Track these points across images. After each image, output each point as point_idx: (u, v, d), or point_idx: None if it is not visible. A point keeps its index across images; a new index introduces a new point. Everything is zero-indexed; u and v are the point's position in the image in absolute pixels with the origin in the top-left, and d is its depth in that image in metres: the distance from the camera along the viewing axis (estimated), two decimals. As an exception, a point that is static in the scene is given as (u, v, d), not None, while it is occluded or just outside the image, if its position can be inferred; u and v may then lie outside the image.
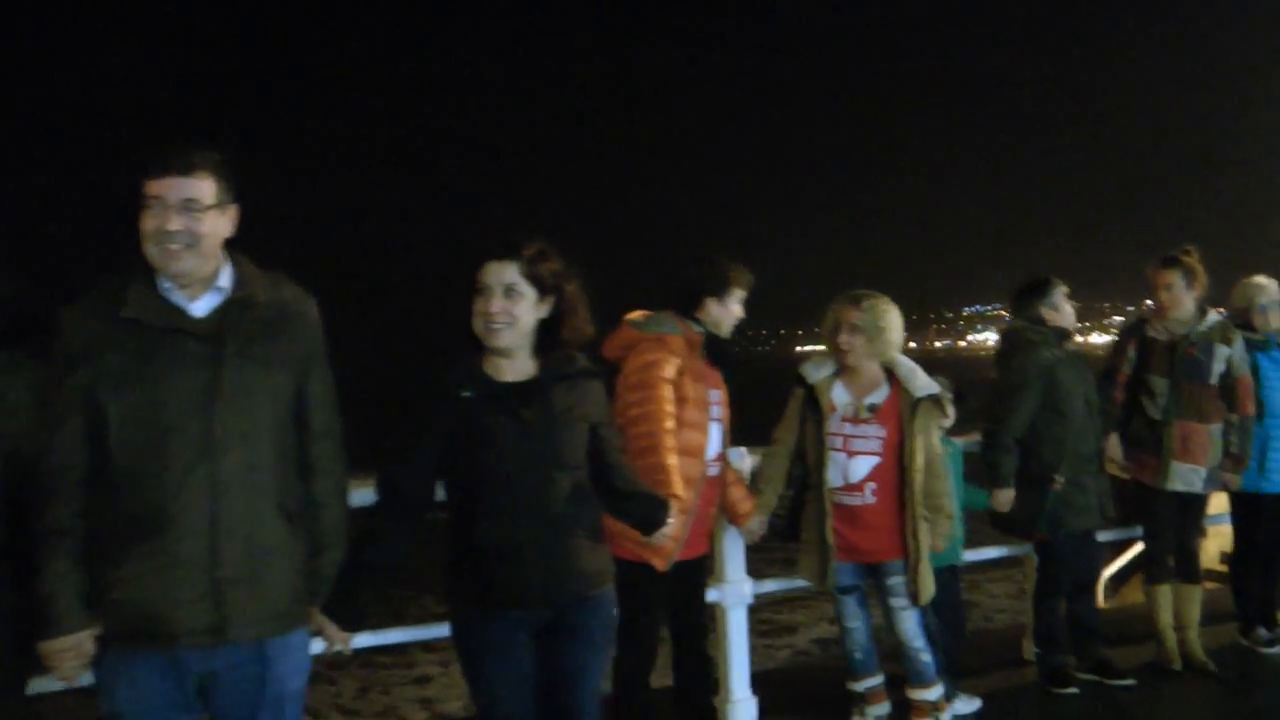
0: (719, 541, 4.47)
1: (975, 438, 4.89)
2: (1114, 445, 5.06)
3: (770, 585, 4.78)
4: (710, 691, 4.16)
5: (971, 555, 5.09)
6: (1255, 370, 5.26)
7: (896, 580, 4.13)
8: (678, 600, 3.97)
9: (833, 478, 4.12)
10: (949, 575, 4.57)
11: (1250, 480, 5.26)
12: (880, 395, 4.15)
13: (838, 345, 4.14)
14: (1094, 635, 4.97)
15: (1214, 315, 5.09)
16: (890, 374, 4.17)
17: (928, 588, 4.11)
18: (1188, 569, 5.14)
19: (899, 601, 4.14)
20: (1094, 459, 4.79)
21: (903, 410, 4.10)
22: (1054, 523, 4.78)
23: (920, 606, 4.14)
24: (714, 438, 3.88)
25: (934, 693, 4.21)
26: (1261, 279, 5.40)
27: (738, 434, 4.16)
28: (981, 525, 5.11)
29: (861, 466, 4.10)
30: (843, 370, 4.19)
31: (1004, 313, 5.27)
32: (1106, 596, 11.34)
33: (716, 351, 3.90)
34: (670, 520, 3.38)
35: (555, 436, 2.89)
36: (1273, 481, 5.28)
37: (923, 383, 4.14)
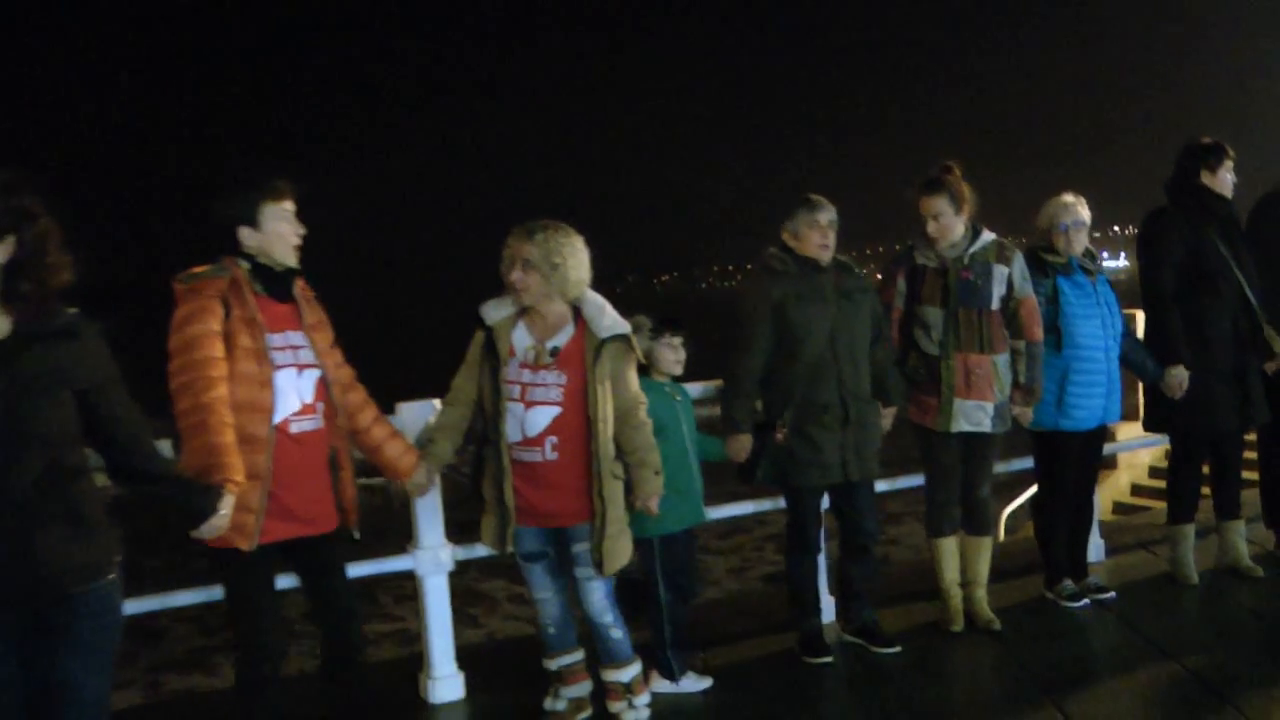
0: (411, 504, 4.00)
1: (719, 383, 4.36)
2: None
3: (482, 550, 4.27)
4: (357, 674, 3.65)
5: (722, 511, 4.58)
6: (1056, 296, 4.72)
7: (582, 547, 3.62)
8: (307, 582, 3.47)
9: (510, 431, 3.59)
10: (684, 538, 4.06)
11: (1049, 417, 4.73)
12: (564, 338, 3.61)
13: (512, 283, 3.60)
14: (860, 598, 4.47)
15: (987, 235, 4.52)
16: (579, 314, 3.64)
17: (616, 555, 3.60)
18: (976, 519, 4.62)
19: (584, 571, 3.64)
20: (837, 407, 4.23)
21: (586, 354, 3.57)
22: (780, 476, 4.27)
23: (607, 576, 3.63)
24: (286, 387, 3.26)
25: (628, 673, 3.73)
26: (1068, 197, 4.81)
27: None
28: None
29: (540, 418, 3.57)
30: (526, 310, 3.65)
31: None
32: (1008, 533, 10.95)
33: (275, 284, 3.31)
34: (223, 510, 2.95)
35: (17, 408, 2.39)
36: (1074, 419, 4.74)
37: (609, 322, 3.60)
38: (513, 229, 3.64)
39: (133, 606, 3.66)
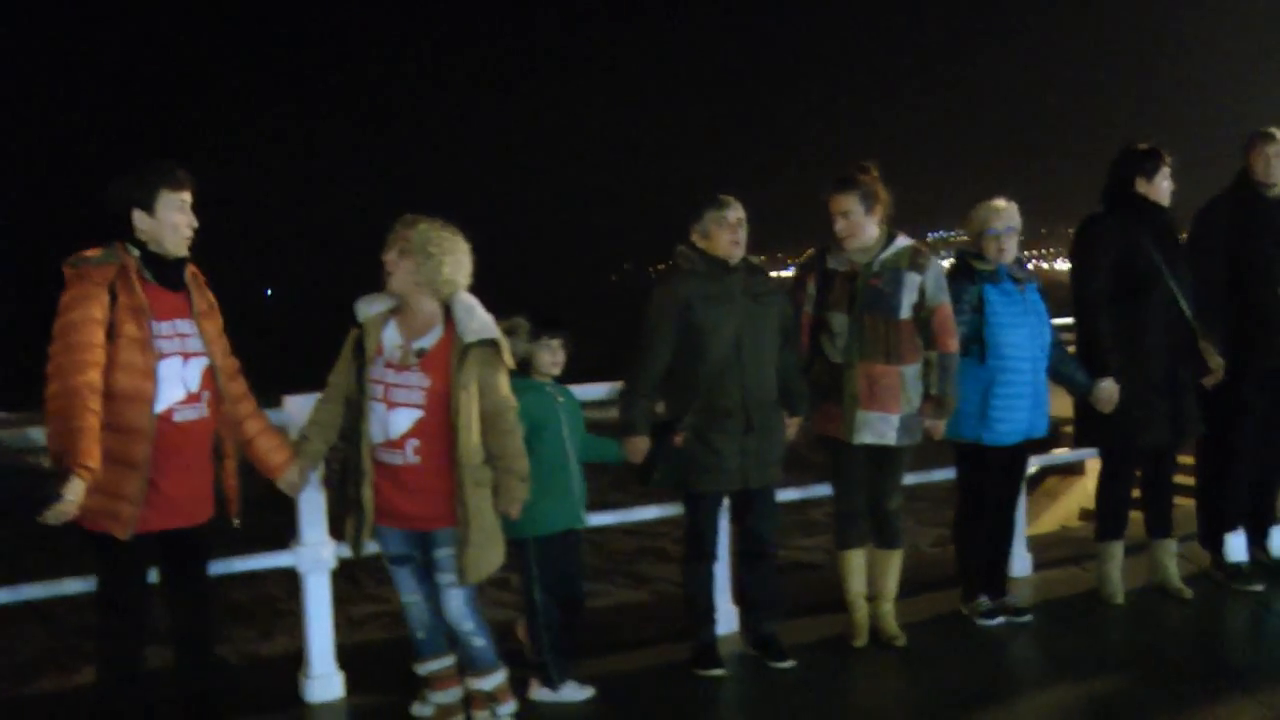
0: (295, 500, 3.90)
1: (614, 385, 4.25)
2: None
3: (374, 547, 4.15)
4: (208, 674, 3.56)
5: (601, 518, 4.44)
6: (982, 304, 4.55)
7: (444, 553, 3.51)
8: (167, 568, 3.40)
9: (373, 432, 3.49)
10: (563, 541, 3.94)
11: (970, 429, 4.57)
12: (431, 339, 3.50)
13: (385, 264, 3.52)
14: (758, 608, 4.35)
15: (902, 240, 4.34)
16: (450, 316, 3.52)
17: (479, 564, 3.48)
18: (884, 532, 4.48)
19: (445, 577, 3.52)
20: (739, 412, 4.08)
21: (452, 357, 3.45)
22: (679, 480, 4.15)
23: (469, 585, 3.52)
24: (171, 376, 3.21)
25: (490, 680, 3.61)
26: (1000, 202, 4.64)
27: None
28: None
29: (402, 420, 3.45)
30: (400, 308, 3.54)
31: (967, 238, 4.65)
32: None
33: (165, 272, 3.25)
34: (69, 496, 2.94)
35: None
36: (997, 432, 4.58)
37: (477, 325, 3.48)
38: (401, 216, 3.57)
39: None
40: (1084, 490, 11.58)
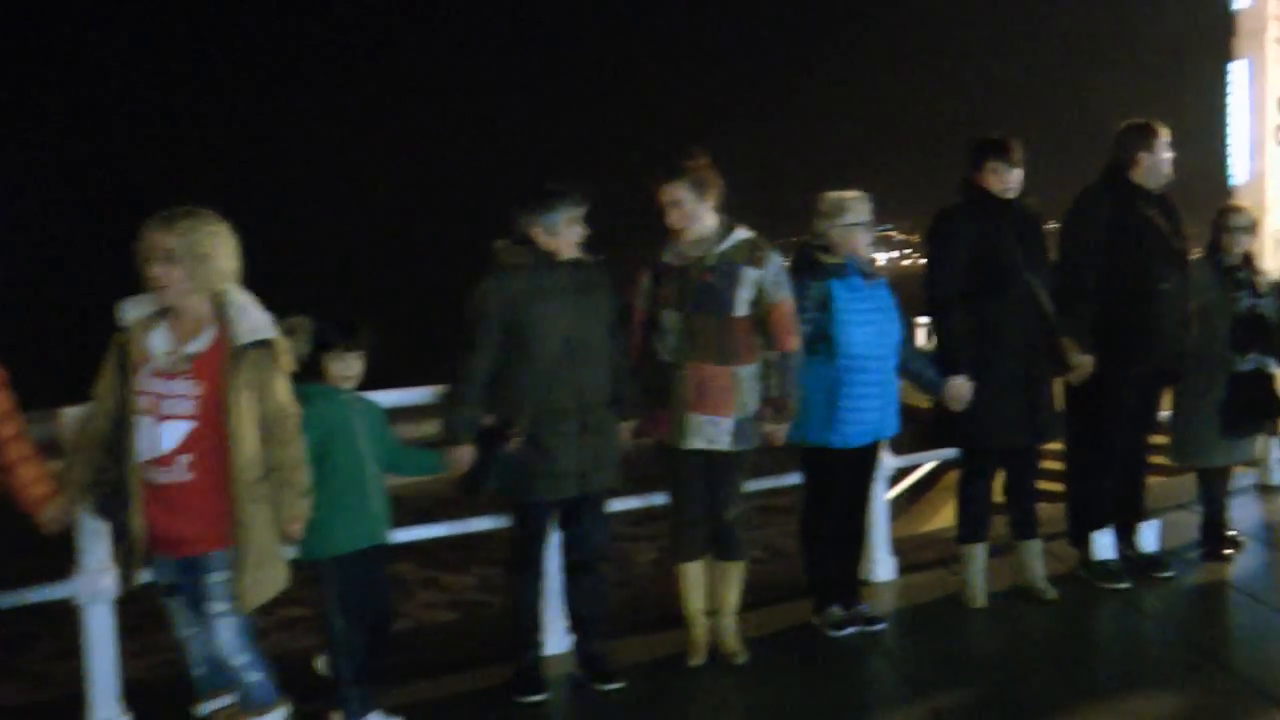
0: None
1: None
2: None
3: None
4: None
5: (403, 534, 4.12)
6: (828, 300, 4.32)
7: (217, 578, 3.20)
8: None
9: (141, 448, 3.18)
10: (364, 560, 3.64)
11: (816, 431, 4.34)
12: (203, 342, 3.19)
13: (151, 279, 3.17)
14: (587, 623, 4.10)
15: (741, 232, 4.10)
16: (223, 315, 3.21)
17: (259, 588, 3.19)
18: (724, 543, 4.24)
19: (216, 605, 3.22)
20: (574, 414, 3.84)
21: (225, 360, 3.15)
22: (510, 488, 3.89)
23: (243, 612, 3.23)
24: None
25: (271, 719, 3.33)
26: (850, 194, 4.42)
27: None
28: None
29: (173, 433, 3.13)
30: (167, 311, 3.22)
31: (894, 234, 4.40)
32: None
33: None
34: None
35: None
36: (844, 434, 4.35)
37: (250, 326, 3.18)
38: (148, 220, 3.22)
39: None
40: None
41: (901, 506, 10.28)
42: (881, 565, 5.10)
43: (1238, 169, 10.65)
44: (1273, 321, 5.24)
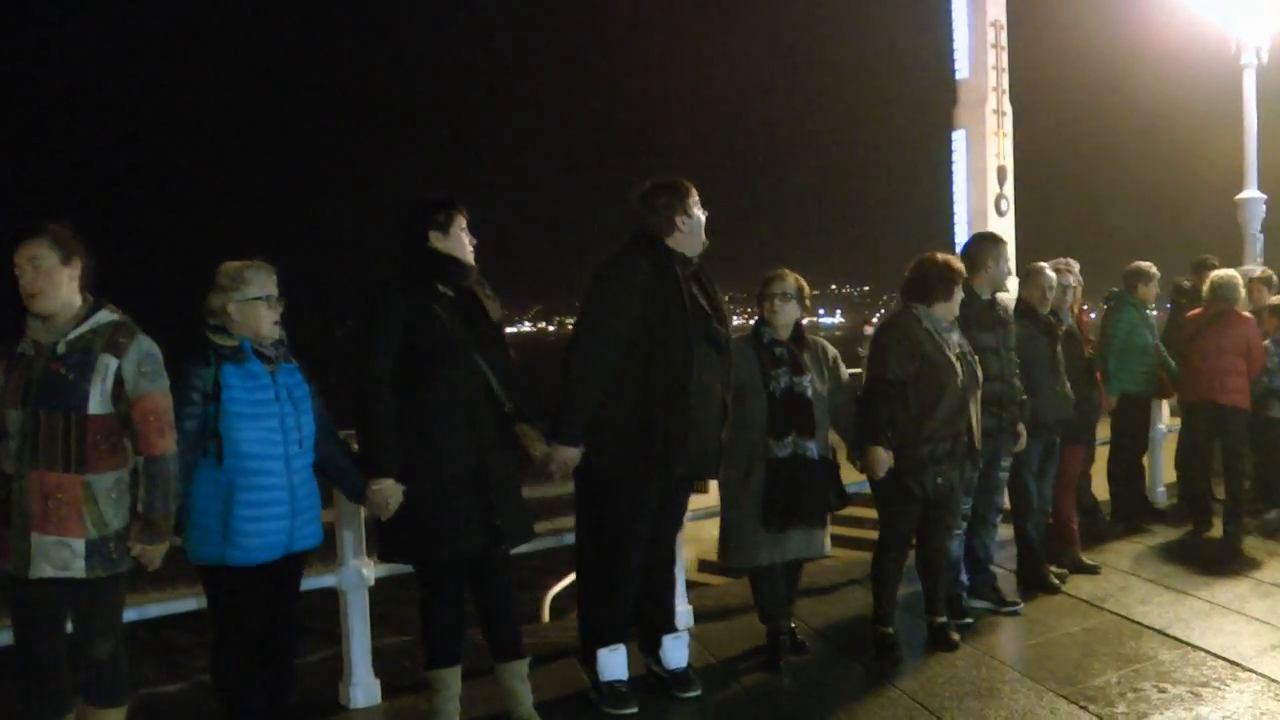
0: None
1: None
2: None
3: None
4: None
5: None
6: (218, 390, 3.67)
7: None
8: None
9: None
10: None
11: (213, 549, 3.66)
12: None
13: None
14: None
15: (106, 313, 3.50)
16: None
17: None
18: (96, 686, 3.51)
19: None
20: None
21: None
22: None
23: None
24: None
25: None
26: (251, 263, 3.81)
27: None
28: None
29: None
30: None
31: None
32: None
33: None
34: None
35: None
36: (245, 549, 3.64)
37: None
38: None
39: None
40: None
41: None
42: (360, 689, 4.48)
43: (961, 237, 10.50)
44: (814, 400, 4.78)
